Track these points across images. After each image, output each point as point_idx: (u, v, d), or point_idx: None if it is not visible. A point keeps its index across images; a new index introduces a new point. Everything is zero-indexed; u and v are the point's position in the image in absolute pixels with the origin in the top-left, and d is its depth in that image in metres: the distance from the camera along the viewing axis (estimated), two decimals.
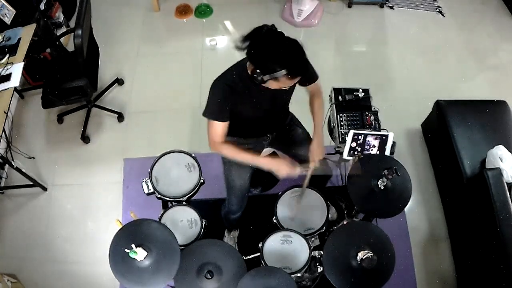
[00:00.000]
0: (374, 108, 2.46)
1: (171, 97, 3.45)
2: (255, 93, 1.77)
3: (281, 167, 1.84)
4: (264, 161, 1.88)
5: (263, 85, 1.67)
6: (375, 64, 3.64)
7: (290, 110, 2.22)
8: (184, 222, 2.11)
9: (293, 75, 1.61)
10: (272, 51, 1.58)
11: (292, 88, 1.90)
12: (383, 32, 3.90)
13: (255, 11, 3.99)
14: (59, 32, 3.46)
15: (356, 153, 2.22)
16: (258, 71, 1.61)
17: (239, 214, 2.37)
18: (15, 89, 2.81)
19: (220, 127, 1.83)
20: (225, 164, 2.18)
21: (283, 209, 2.17)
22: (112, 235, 1.71)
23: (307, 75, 1.93)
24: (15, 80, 2.65)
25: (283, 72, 1.57)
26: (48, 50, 3.27)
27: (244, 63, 1.75)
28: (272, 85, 1.67)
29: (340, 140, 2.38)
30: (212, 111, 1.81)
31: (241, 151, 1.88)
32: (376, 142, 2.23)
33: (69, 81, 2.84)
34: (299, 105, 2.15)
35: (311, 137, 2.07)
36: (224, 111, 1.80)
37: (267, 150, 2.38)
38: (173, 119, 3.32)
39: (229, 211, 2.35)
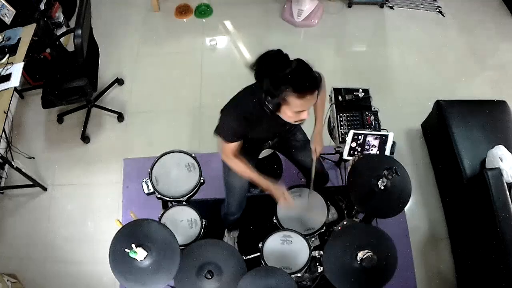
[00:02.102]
0: (374, 108, 2.46)
1: (171, 97, 3.45)
2: (268, 120, 1.76)
3: (280, 198, 1.92)
4: (267, 185, 1.93)
5: (279, 114, 1.66)
6: (375, 64, 3.64)
7: None
8: (184, 222, 2.11)
9: (300, 91, 1.55)
10: (276, 73, 1.56)
11: None
12: (383, 32, 3.90)
13: (255, 11, 3.99)
14: (59, 32, 3.46)
15: (356, 153, 2.22)
16: (269, 98, 1.60)
17: (238, 215, 2.37)
18: (15, 89, 2.81)
19: (232, 147, 1.86)
20: (225, 166, 2.18)
21: (283, 209, 2.17)
22: (112, 235, 1.71)
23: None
24: (15, 80, 2.65)
25: (290, 90, 1.54)
26: (48, 50, 3.27)
27: (255, 89, 1.73)
28: (286, 112, 1.64)
29: (340, 140, 2.38)
30: (225, 135, 1.82)
31: (248, 170, 1.91)
32: (376, 142, 2.24)
33: (69, 81, 2.84)
34: None
35: (310, 138, 2.13)
36: (238, 136, 1.83)
37: (267, 151, 2.38)
38: (173, 119, 3.32)
39: (228, 213, 2.35)
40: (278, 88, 1.56)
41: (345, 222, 2.21)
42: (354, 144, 2.23)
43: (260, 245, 2.00)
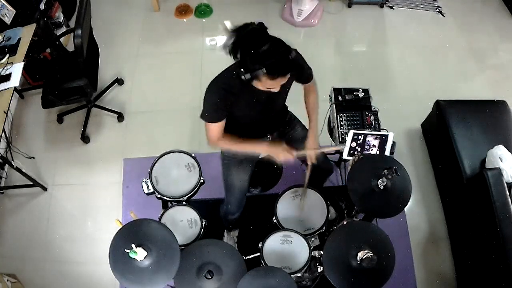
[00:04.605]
0: (374, 108, 2.46)
1: (171, 97, 3.45)
2: (250, 93, 1.77)
3: (279, 152, 1.87)
4: (263, 147, 1.91)
5: (253, 85, 1.67)
6: (375, 64, 3.64)
7: (289, 109, 2.22)
8: (184, 222, 2.11)
9: (273, 75, 1.58)
10: (252, 50, 1.56)
11: (287, 87, 1.90)
12: (383, 32, 3.90)
13: (255, 11, 3.99)
14: (59, 32, 3.46)
15: (356, 153, 2.22)
16: (241, 70, 1.61)
17: (238, 215, 2.37)
18: (15, 89, 2.81)
19: (216, 128, 1.84)
20: (224, 165, 2.18)
21: (283, 209, 2.17)
22: (112, 235, 1.71)
23: (303, 76, 1.95)
24: (15, 80, 2.65)
25: (263, 71, 1.56)
26: (48, 50, 3.27)
27: (234, 65, 1.74)
28: (258, 85, 1.67)
29: (340, 140, 2.38)
30: (208, 114, 1.81)
31: (239, 142, 1.90)
32: (376, 142, 2.24)
33: (69, 81, 2.84)
34: (297, 104, 2.15)
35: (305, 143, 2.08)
36: (220, 111, 1.80)
37: None
38: (173, 119, 3.32)
39: (228, 212, 2.35)
40: (251, 66, 1.57)
41: (345, 222, 2.21)
42: (354, 144, 2.23)
43: (260, 245, 2.00)
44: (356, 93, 2.48)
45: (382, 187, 1.88)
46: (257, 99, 1.82)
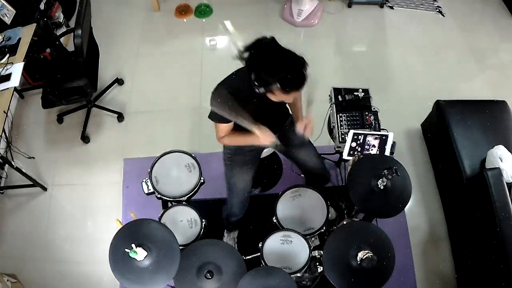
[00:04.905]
0: (374, 108, 2.46)
1: (171, 97, 3.45)
2: (256, 98, 1.78)
3: (265, 137, 1.81)
4: (256, 137, 1.83)
5: (267, 95, 1.69)
6: (375, 64, 3.64)
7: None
8: (184, 222, 2.11)
9: (287, 89, 1.60)
10: (267, 64, 1.59)
11: None
12: (383, 32, 3.90)
13: (255, 11, 3.99)
14: (59, 32, 3.46)
15: (356, 153, 2.22)
16: (256, 83, 1.63)
17: (241, 216, 2.37)
18: (15, 89, 2.81)
19: (225, 127, 1.87)
20: (226, 166, 2.18)
21: (283, 209, 2.17)
22: (112, 235, 1.71)
23: None
24: (15, 80, 2.65)
25: (277, 85, 1.58)
26: (48, 50, 3.27)
27: (245, 70, 1.75)
28: (272, 97, 1.70)
29: (340, 140, 2.38)
30: (216, 115, 1.81)
31: (239, 137, 1.89)
32: (376, 142, 2.24)
33: (69, 81, 2.84)
34: None
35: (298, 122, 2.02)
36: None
37: (268, 150, 2.38)
38: (173, 119, 3.32)
39: (231, 214, 2.34)
40: (266, 81, 1.60)
41: (345, 222, 2.21)
42: (354, 144, 2.24)
43: (260, 245, 2.00)
44: (356, 93, 2.48)
45: (382, 187, 1.88)
46: (262, 103, 1.83)
